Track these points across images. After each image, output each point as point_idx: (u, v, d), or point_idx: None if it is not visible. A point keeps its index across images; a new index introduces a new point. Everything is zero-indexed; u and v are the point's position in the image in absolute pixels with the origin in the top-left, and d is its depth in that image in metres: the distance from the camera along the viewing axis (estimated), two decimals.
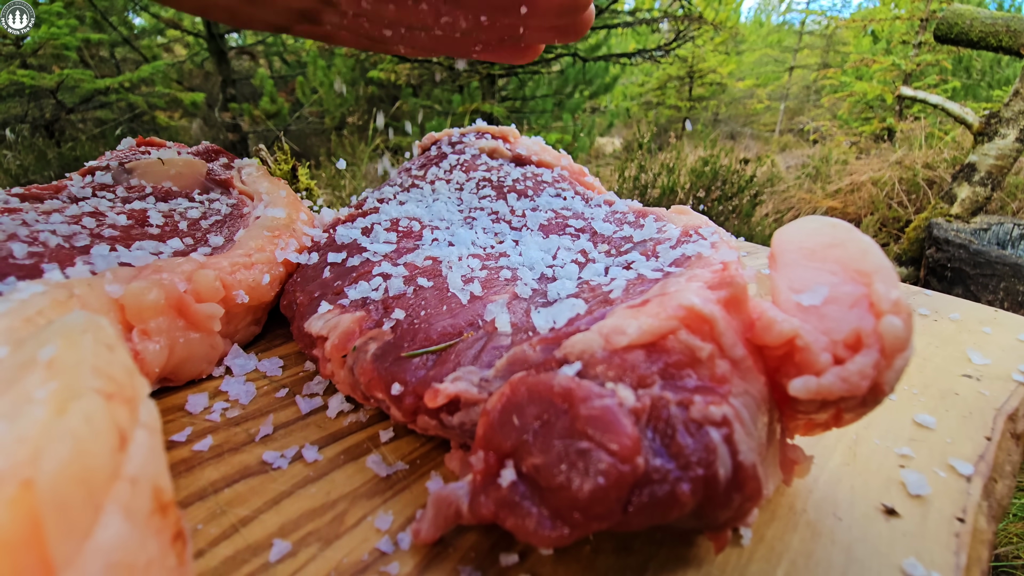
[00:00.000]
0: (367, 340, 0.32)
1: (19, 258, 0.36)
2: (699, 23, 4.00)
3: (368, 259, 0.41)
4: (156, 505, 0.16)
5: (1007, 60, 6.56)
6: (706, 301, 0.24)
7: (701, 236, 0.37)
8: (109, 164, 0.60)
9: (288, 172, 0.79)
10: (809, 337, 0.22)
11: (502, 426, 0.22)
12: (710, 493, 0.20)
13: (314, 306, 0.38)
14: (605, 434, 0.20)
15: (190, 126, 5.71)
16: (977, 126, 2.46)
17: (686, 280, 0.28)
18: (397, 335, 0.32)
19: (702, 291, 0.25)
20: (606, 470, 0.20)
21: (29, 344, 0.16)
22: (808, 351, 0.22)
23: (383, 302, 0.35)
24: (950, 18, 2.39)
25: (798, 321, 0.23)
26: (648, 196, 3.20)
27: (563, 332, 0.26)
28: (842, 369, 0.21)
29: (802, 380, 0.22)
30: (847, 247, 0.25)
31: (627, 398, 0.21)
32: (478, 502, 0.22)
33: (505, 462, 0.22)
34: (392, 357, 0.31)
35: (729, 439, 0.21)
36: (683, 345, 0.23)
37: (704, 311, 0.24)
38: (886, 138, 5.97)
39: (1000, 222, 2.45)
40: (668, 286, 0.28)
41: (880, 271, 0.23)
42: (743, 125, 10.18)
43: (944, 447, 0.34)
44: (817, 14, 9.34)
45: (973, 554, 0.27)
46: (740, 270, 0.28)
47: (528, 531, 0.21)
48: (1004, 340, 0.48)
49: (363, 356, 0.32)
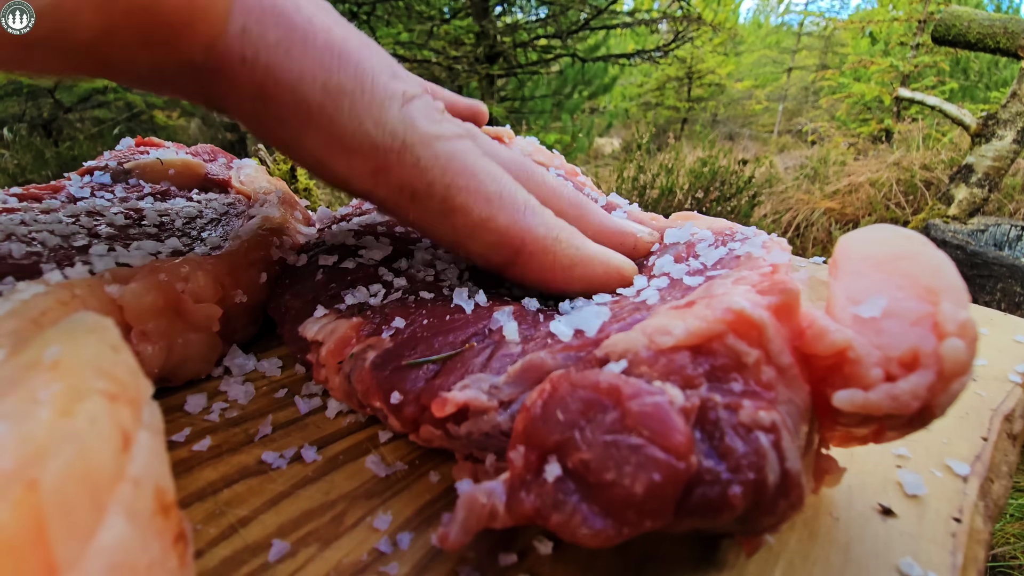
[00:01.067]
0: (365, 347, 0.32)
1: (17, 258, 0.36)
2: (698, 24, 4.01)
3: (362, 263, 0.40)
4: (158, 506, 0.16)
5: (1005, 62, 6.58)
6: (755, 306, 0.23)
7: (744, 234, 0.35)
8: (108, 164, 0.60)
9: (287, 172, 0.79)
10: (862, 350, 0.22)
11: (545, 421, 0.22)
12: (759, 498, 0.20)
13: (308, 309, 0.37)
14: (657, 431, 0.20)
15: (188, 125, 5.70)
16: (974, 128, 2.47)
17: (732, 283, 0.27)
18: (397, 343, 0.31)
19: (751, 295, 0.24)
20: (661, 466, 0.19)
21: (34, 345, 0.17)
22: (859, 364, 0.21)
23: (381, 309, 0.35)
24: (948, 20, 2.40)
25: (852, 332, 0.22)
26: (647, 197, 3.21)
27: (593, 339, 0.26)
28: (893, 386, 0.21)
29: (848, 393, 0.22)
30: (918, 261, 0.23)
31: (677, 397, 0.21)
32: (518, 499, 0.21)
33: (548, 458, 0.22)
34: (392, 366, 0.30)
35: (777, 445, 0.20)
36: (729, 349, 0.22)
37: (753, 317, 0.23)
38: (884, 139, 5.99)
39: (997, 223, 2.46)
40: (714, 288, 0.27)
41: (951, 290, 0.22)
42: (742, 126, 10.19)
43: (940, 447, 0.34)
44: (815, 15, 9.37)
45: (970, 554, 0.27)
46: (792, 274, 0.27)
47: (575, 528, 0.20)
48: (1001, 341, 0.48)
49: (361, 364, 0.31)
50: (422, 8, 4.17)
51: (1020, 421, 0.39)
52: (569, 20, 4.14)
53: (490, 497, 0.22)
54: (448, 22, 4.10)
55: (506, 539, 0.27)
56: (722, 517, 0.20)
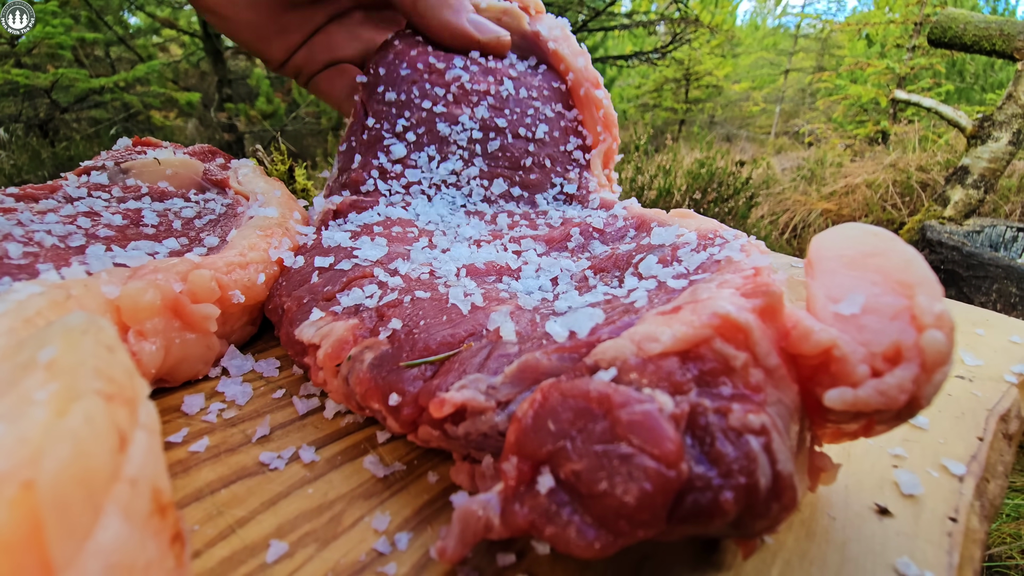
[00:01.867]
0: (363, 349, 0.32)
1: (14, 258, 0.36)
2: (695, 26, 4.02)
3: (358, 264, 0.40)
4: (155, 506, 0.16)
5: (1000, 64, 6.62)
6: (741, 310, 0.24)
7: (723, 238, 0.36)
8: (105, 164, 0.60)
9: (285, 173, 0.79)
10: (847, 348, 0.22)
11: (536, 432, 0.22)
12: (751, 502, 0.20)
13: (304, 312, 0.37)
14: (647, 440, 0.20)
15: (185, 126, 5.69)
16: (970, 129, 2.48)
17: (716, 286, 0.27)
18: (395, 345, 0.31)
19: (736, 299, 0.25)
20: (652, 475, 0.19)
21: (29, 345, 0.16)
22: (845, 362, 0.22)
23: (377, 310, 0.35)
24: (944, 22, 2.41)
25: (836, 331, 0.23)
26: (645, 198, 3.21)
27: (585, 341, 0.26)
28: (880, 382, 0.21)
29: (838, 391, 0.22)
30: (889, 257, 0.24)
31: (666, 403, 0.21)
32: (512, 512, 0.21)
33: (541, 469, 0.22)
34: (389, 367, 0.30)
35: (768, 448, 0.21)
36: (717, 354, 0.23)
37: (739, 320, 0.23)
38: (880, 141, 6.01)
39: (993, 224, 2.47)
40: (699, 292, 0.27)
41: (924, 283, 0.22)
42: (739, 127, 10.22)
43: (937, 447, 0.34)
44: (812, 17, 9.41)
45: (966, 553, 0.27)
46: (773, 276, 0.28)
47: (569, 540, 0.20)
48: (996, 341, 0.48)
49: (359, 366, 0.31)
50: None
51: (1016, 421, 0.39)
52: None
53: (485, 510, 0.22)
54: None
55: (504, 539, 0.27)
56: (715, 523, 0.20)
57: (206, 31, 4.49)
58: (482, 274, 0.40)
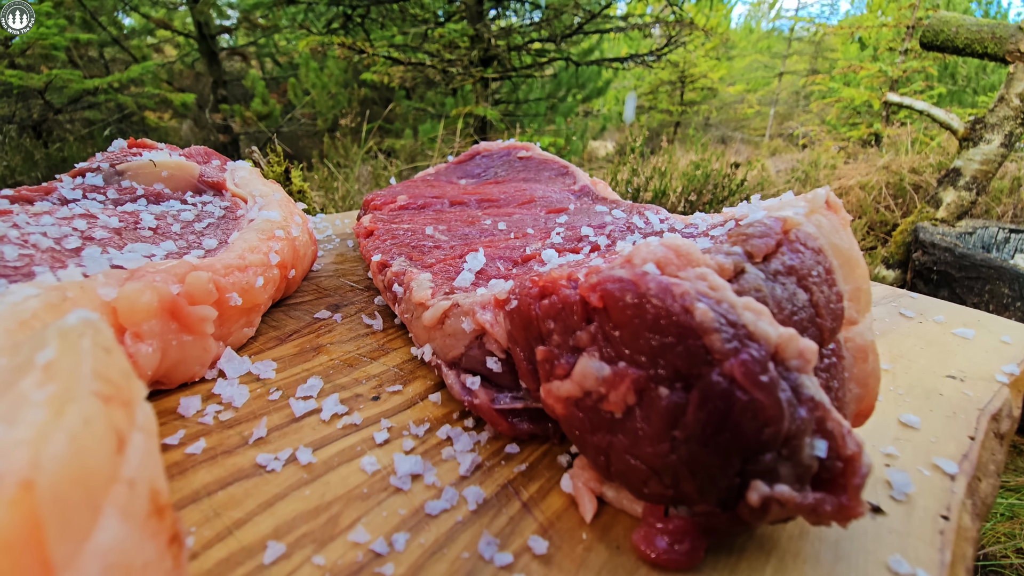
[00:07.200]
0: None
1: (10, 260, 0.36)
2: (690, 29, 4.04)
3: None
4: (153, 507, 0.16)
5: (992, 66, 6.68)
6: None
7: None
8: (100, 166, 0.60)
9: (281, 174, 0.79)
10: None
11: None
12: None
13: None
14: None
15: (180, 127, 5.66)
16: (962, 132, 2.50)
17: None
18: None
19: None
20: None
21: (26, 347, 0.16)
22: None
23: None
24: (936, 25, 2.43)
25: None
26: (641, 199, 3.23)
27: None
28: None
29: None
30: None
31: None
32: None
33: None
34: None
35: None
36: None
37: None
38: (873, 143, 6.05)
39: (985, 226, 2.49)
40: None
41: None
42: (734, 129, 10.27)
43: (929, 446, 0.34)
44: (806, 21, 9.46)
45: (958, 551, 0.27)
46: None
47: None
48: (988, 342, 0.49)
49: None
50: (416, 11, 4.18)
51: (1007, 420, 0.39)
52: (563, 24, 4.16)
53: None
54: (442, 25, 4.11)
55: (502, 539, 0.27)
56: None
57: (201, 32, 4.48)
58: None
